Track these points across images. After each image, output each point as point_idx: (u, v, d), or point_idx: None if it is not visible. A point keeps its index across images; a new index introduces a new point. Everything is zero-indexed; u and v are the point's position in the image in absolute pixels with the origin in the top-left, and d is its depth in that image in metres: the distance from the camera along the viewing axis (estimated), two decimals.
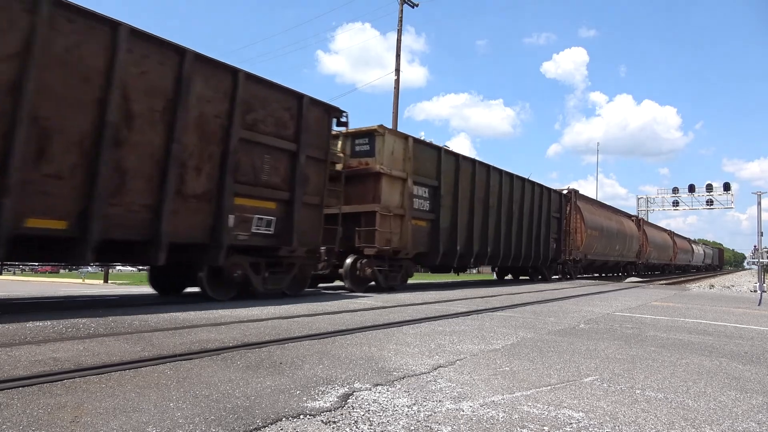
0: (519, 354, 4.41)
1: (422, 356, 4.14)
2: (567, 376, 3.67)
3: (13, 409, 2.49)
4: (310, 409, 2.66)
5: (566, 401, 3.01)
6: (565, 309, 8.67)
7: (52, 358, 3.53)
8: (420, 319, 6.47)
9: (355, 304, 8.11)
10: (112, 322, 5.18)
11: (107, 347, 4.00)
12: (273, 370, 3.48)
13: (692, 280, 35.92)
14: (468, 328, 5.89)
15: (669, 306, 10.49)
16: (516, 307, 8.66)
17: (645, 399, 3.14)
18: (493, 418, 2.65)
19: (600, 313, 8.30)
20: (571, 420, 2.67)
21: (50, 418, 2.39)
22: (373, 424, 2.48)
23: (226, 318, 5.84)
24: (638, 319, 7.58)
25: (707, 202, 49.21)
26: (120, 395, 2.78)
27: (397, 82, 23.14)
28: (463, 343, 4.80)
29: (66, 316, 5.53)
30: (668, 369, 4.07)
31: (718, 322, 7.65)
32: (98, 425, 2.32)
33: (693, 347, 5.21)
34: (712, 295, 15.97)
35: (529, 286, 15.37)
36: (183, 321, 5.52)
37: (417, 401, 2.89)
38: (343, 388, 3.09)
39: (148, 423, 2.37)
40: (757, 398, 3.30)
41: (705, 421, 2.76)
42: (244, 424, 2.40)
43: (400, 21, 23.72)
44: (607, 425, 2.61)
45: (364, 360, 3.91)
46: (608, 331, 6.09)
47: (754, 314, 9.42)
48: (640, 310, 9.11)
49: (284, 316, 6.26)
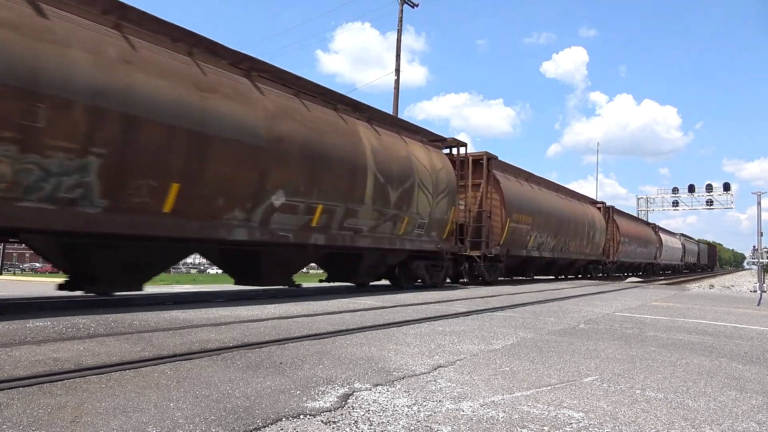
0: (519, 354, 4.42)
1: (422, 356, 4.14)
2: (567, 376, 3.68)
3: (13, 409, 2.49)
4: (310, 409, 2.66)
5: (566, 401, 3.01)
6: (565, 309, 8.68)
7: (52, 358, 3.53)
8: (420, 319, 6.47)
9: (355, 304, 8.11)
10: (112, 322, 5.18)
11: (107, 347, 4.00)
12: (273, 370, 3.48)
13: (692, 281, 35.87)
14: (468, 328, 5.89)
15: (669, 306, 10.49)
16: (516, 307, 8.66)
17: (645, 399, 3.14)
18: (493, 418, 2.65)
19: (600, 313, 8.30)
20: (571, 420, 2.67)
21: (50, 418, 2.39)
22: (373, 424, 2.49)
23: (226, 318, 5.84)
24: (638, 319, 7.58)
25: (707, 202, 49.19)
26: (120, 395, 2.78)
27: (397, 82, 23.14)
28: (463, 343, 4.80)
29: (66, 316, 5.53)
30: (668, 369, 4.07)
31: (718, 322, 7.65)
32: (98, 425, 2.32)
33: (693, 347, 5.21)
34: (712, 295, 15.97)
35: (529, 287, 15.38)
36: (183, 321, 5.52)
37: (417, 401, 2.89)
38: (343, 388, 3.09)
39: (148, 423, 2.37)
40: (757, 398, 3.30)
41: (705, 421, 2.76)
42: (244, 424, 2.40)
43: (400, 21, 23.74)
44: (607, 425, 2.61)
45: (364, 360, 3.91)
46: (608, 331, 6.09)
47: (754, 314, 9.43)
48: (640, 310, 9.11)
49: (284, 316, 6.26)
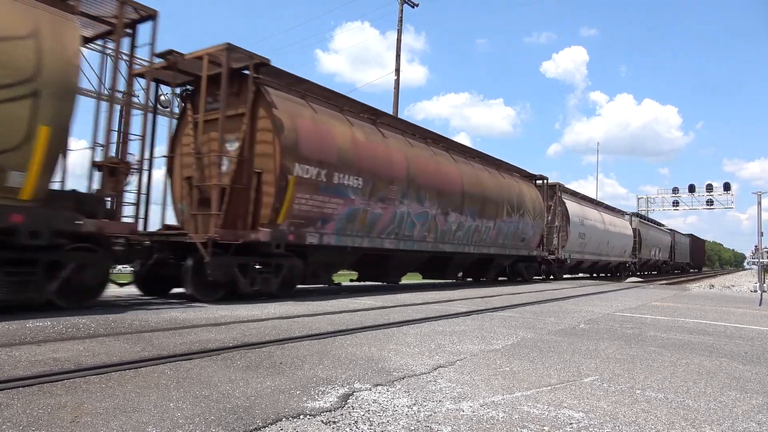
0: (519, 354, 4.41)
1: (422, 356, 4.13)
2: (567, 376, 3.67)
3: (13, 409, 2.49)
4: (310, 409, 2.66)
5: (566, 401, 3.01)
6: (565, 309, 8.67)
7: (52, 358, 3.53)
8: (420, 319, 6.47)
9: (355, 304, 8.11)
10: (112, 322, 5.18)
11: (107, 347, 4.00)
12: (273, 370, 3.48)
13: (692, 280, 35.90)
14: (468, 328, 5.89)
15: (669, 306, 10.49)
16: (516, 307, 8.66)
17: (645, 399, 3.14)
18: (493, 418, 2.65)
19: (600, 313, 8.30)
20: (571, 420, 2.67)
21: (50, 418, 2.39)
22: (373, 424, 2.48)
23: (226, 318, 5.84)
24: (638, 319, 7.58)
25: (707, 202, 49.06)
26: (120, 395, 2.78)
27: (397, 82, 23.12)
28: (463, 343, 4.80)
29: (66, 316, 5.53)
30: (668, 369, 4.07)
31: (718, 323, 7.65)
32: (98, 425, 2.32)
33: (693, 347, 5.21)
34: (712, 295, 15.97)
35: (529, 287, 15.37)
36: (183, 321, 5.52)
37: (417, 401, 2.89)
38: (343, 389, 3.09)
39: (148, 423, 2.37)
40: (757, 398, 3.30)
41: (705, 421, 2.76)
42: (244, 424, 2.40)
43: (400, 21, 23.71)
44: (607, 425, 2.61)
45: (365, 360, 3.91)
46: (608, 331, 6.09)
47: (754, 314, 9.42)
48: (640, 310, 9.11)
49: (284, 316, 6.26)
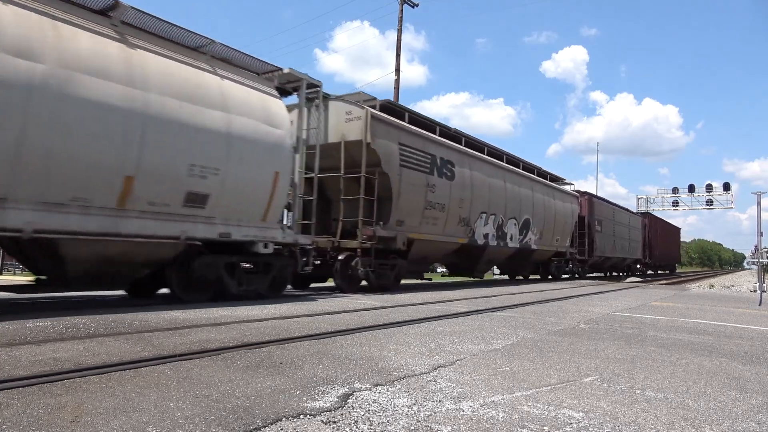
0: (519, 354, 4.42)
1: (422, 356, 4.14)
2: (567, 376, 3.67)
3: (13, 409, 2.49)
4: (310, 409, 2.66)
5: (566, 401, 3.01)
6: (565, 309, 8.68)
7: (53, 358, 3.53)
8: (420, 319, 6.47)
9: (355, 304, 8.11)
10: (112, 322, 5.18)
11: (107, 347, 4.00)
12: (273, 370, 3.48)
13: (692, 280, 35.87)
14: (468, 328, 5.89)
15: (669, 306, 10.49)
16: (516, 307, 8.66)
17: (645, 399, 3.14)
18: (493, 418, 2.65)
19: (600, 313, 8.30)
20: (571, 420, 2.67)
21: (50, 418, 2.39)
22: (373, 424, 2.49)
23: (226, 318, 5.84)
24: (638, 319, 7.58)
25: (707, 202, 49.00)
26: (120, 395, 2.78)
27: (397, 82, 23.12)
28: (463, 343, 4.80)
29: (66, 315, 5.53)
30: (668, 369, 4.07)
31: (718, 322, 7.65)
32: (98, 425, 2.32)
33: (693, 347, 5.21)
34: (711, 295, 15.97)
35: (530, 286, 15.37)
36: (183, 321, 5.52)
37: (417, 401, 2.89)
38: (343, 388, 3.09)
39: (148, 423, 2.37)
40: (757, 398, 3.30)
41: (705, 421, 2.76)
42: (244, 424, 2.40)
43: (400, 21, 23.71)
44: (607, 425, 2.61)
45: (364, 360, 3.91)
46: (608, 331, 6.09)
47: (754, 314, 9.42)
48: (640, 310, 9.11)
49: (284, 316, 6.26)
